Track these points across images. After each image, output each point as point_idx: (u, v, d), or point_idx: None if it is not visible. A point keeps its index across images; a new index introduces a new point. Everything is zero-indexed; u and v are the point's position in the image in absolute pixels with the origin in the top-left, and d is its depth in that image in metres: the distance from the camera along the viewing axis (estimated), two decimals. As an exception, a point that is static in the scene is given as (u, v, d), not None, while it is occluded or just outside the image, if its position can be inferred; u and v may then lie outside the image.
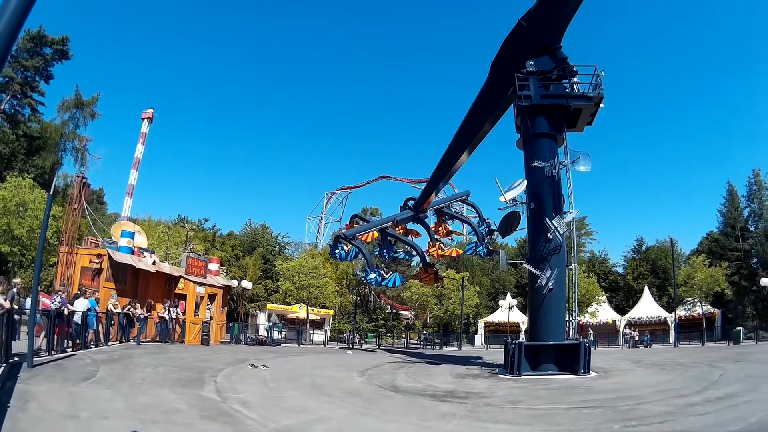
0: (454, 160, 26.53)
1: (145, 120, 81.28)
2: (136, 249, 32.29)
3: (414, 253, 34.90)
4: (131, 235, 32.70)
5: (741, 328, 44.17)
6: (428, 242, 30.73)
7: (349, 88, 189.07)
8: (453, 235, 38.43)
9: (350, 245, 29.21)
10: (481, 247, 31.72)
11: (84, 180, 33.89)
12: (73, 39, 54.79)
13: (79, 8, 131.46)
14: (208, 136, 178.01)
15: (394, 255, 31.96)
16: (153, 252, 35.91)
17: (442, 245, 30.61)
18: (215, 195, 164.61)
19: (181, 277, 34.08)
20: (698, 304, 51.74)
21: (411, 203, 31.19)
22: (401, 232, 31.86)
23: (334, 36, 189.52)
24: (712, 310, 53.49)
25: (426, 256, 33.11)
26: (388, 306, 74.04)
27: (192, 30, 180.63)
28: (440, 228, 31.70)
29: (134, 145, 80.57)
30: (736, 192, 63.92)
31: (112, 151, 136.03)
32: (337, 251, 29.49)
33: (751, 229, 61.22)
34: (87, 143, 53.80)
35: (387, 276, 30.38)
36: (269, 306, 54.92)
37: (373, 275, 29.22)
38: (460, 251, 37.87)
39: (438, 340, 55.04)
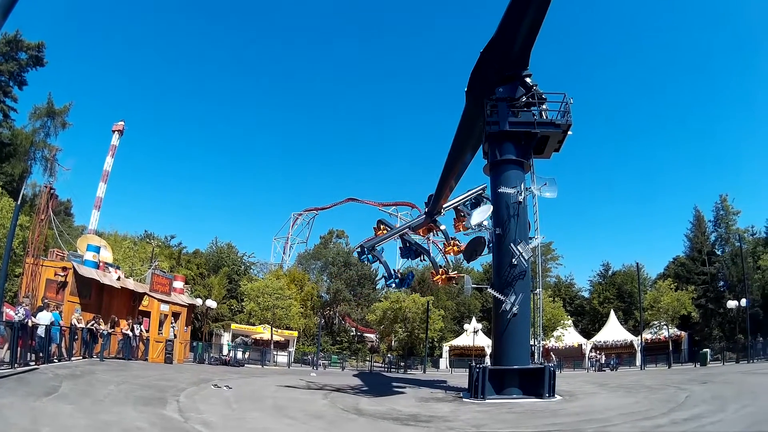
0: (455, 169, 26.61)
1: (116, 132, 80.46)
2: (101, 264, 31.84)
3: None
4: (97, 250, 32.26)
5: (708, 349, 44.86)
6: (443, 243, 30.54)
7: (318, 111, 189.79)
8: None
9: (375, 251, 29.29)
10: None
11: (52, 190, 33.39)
12: (49, 46, 54.06)
13: (57, 16, 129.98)
14: (177, 152, 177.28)
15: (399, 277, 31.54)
16: (118, 267, 35.45)
17: (458, 242, 30.22)
18: (182, 212, 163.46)
19: (145, 294, 33.69)
20: (665, 327, 52.44)
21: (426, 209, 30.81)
22: (425, 231, 32.63)
23: (305, 58, 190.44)
24: (678, 332, 54.23)
25: (440, 256, 33.23)
26: (353, 328, 74.03)
27: (167, 47, 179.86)
28: (459, 224, 31.22)
29: (103, 158, 79.92)
30: (703, 217, 65.66)
31: (81, 162, 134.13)
32: (363, 257, 29.97)
33: (718, 253, 62.76)
34: (57, 153, 52.92)
35: (404, 277, 31.02)
36: (233, 326, 54.32)
37: (393, 284, 30.20)
38: None
39: (402, 364, 54.98)
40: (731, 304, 46.72)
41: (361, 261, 33.44)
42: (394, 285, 30.12)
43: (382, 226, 31.75)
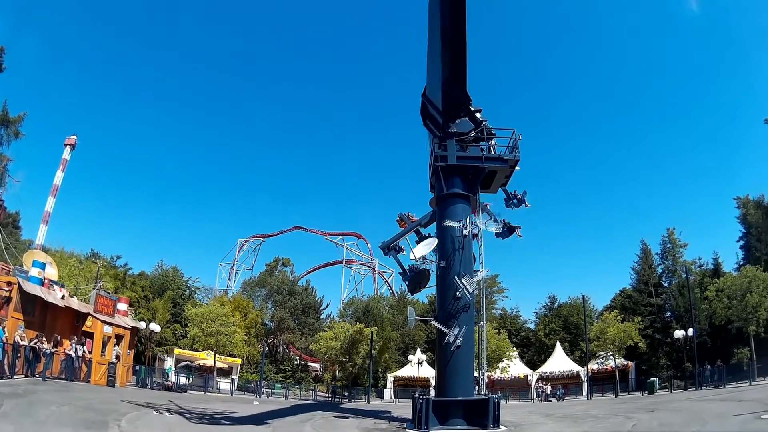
0: None
1: (68, 146, 78.66)
2: (46, 281, 31.16)
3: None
4: (42, 266, 31.58)
5: (655, 378, 45.85)
6: (503, 199, 29.23)
7: (268, 139, 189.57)
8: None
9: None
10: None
11: (1, 202, 32.69)
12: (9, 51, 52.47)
13: (17, 23, 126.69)
14: (127, 171, 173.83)
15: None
16: (63, 286, 34.67)
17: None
18: (129, 232, 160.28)
19: (89, 314, 33.04)
20: (611, 357, 53.43)
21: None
22: None
23: (254, 85, 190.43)
24: (625, 362, 55.27)
25: None
26: (297, 357, 73.53)
27: (125, 71, 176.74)
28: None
29: (54, 171, 77.83)
30: (649, 250, 67.97)
31: (30, 174, 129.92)
32: (388, 254, 29.34)
33: (665, 284, 64.85)
34: (7, 164, 51.41)
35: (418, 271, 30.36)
36: (177, 351, 53.37)
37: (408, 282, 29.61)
38: None
39: (347, 393, 54.88)
40: (678, 333, 48.23)
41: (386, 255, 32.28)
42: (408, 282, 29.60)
43: (402, 221, 31.04)
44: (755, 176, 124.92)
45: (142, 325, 44.73)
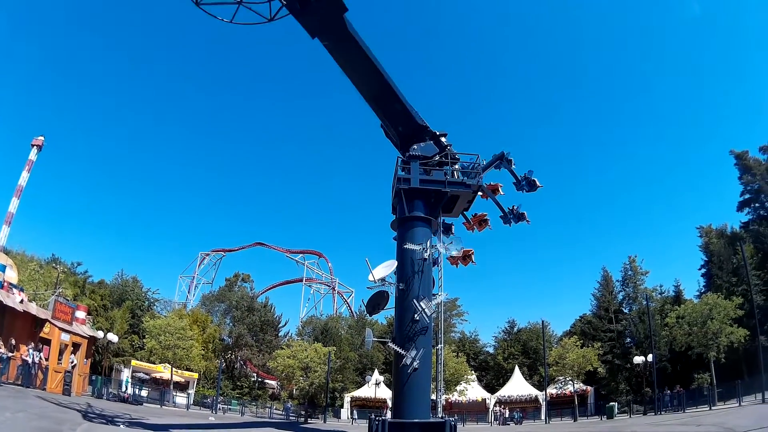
0: None
1: (35, 147, 77.35)
2: (5, 284, 30.84)
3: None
4: (3, 269, 31.39)
5: (615, 403, 46.65)
6: (463, 223, 28.43)
7: (235, 152, 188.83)
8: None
9: None
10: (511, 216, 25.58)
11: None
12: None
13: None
14: (90, 175, 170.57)
15: None
16: (22, 290, 34.25)
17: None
18: (91, 238, 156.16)
19: (47, 320, 32.73)
20: (570, 382, 54.15)
21: None
22: None
23: (221, 98, 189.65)
24: (584, 387, 56.01)
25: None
26: (254, 374, 72.97)
27: (94, 75, 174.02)
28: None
29: (19, 172, 76.34)
30: (610, 277, 69.09)
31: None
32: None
33: (625, 311, 65.95)
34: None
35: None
36: (134, 363, 52.63)
37: None
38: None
39: (303, 412, 54.72)
40: (638, 359, 49.44)
41: None
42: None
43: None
44: (718, 205, 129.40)
45: (100, 334, 44.22)
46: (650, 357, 46.98)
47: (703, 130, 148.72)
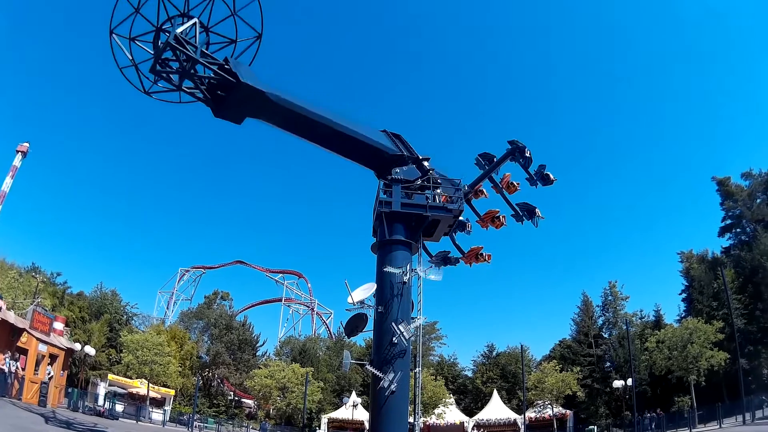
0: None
1: (19, 153, 77.03)
2: (-16, 292, 30.64)
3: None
4: (-18, 277, 31.11)
5: (594, 426, 46.89)
6: (476, 221, 27.60)
7: (218, 169, 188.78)
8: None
9: None
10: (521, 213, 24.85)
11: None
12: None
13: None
14: (74, 185, 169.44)
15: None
16: (1, 297, 34.01)
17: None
18: (72, 248, 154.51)
19: (25, 330, 32.47)
20: (549, 406, 54.53)
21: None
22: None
23: (205, 115, 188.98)
24: (564, 411, 56.35)
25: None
26: (231, 392, 72.42)
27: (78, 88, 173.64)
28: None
29: (2, 178, 76.15)
30: (590, 302, 69.99)
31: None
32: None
33: (605, 336, 66.64)
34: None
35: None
36: (110, 377, 52.15)
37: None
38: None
39: (279, 432, 54.49)
40: (617, 383, 49.88)
41: None
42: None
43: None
44: (698, 231, 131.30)
45: (77, 346, 43.96)
46: (630, 381, 47.43)
47: (683, 156, 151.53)
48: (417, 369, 22.09)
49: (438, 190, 22.58)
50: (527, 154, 23.18)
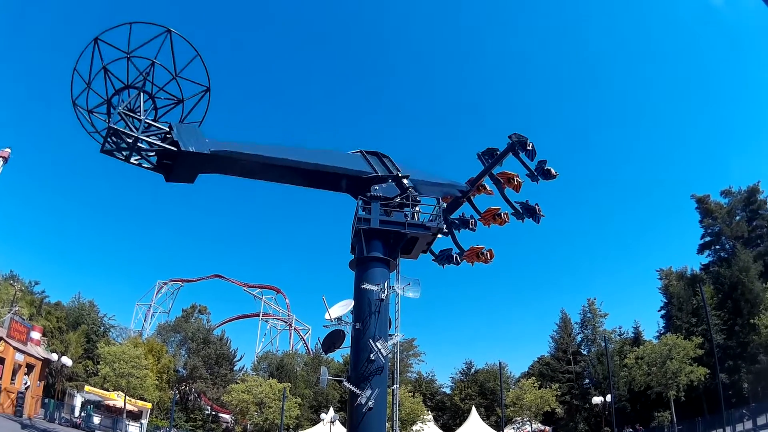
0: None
1: (0, 159, 76.21)
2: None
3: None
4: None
5: None
6: (479, 219, 25.79)
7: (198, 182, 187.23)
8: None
9: None
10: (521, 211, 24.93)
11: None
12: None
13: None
14: (54, 193, 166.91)
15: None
16: (-23, 306, 33.84)
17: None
18: (50, 257, 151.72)
19: (2, 338, 32.32)
20: (528, 422, 54.79)
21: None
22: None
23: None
24: (542, 427, 56.81)
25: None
26: (208, 407, 71.92)
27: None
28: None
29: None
30: (569, 319, 70.82)
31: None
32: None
33: (584, 353, 67.25)
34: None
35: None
36: (87, 388, 51.56)
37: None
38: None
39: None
40: (596, 400, 50.31)
41: None
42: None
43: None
44: (676, 249, 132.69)
45: (54, 357, 43.70)
46: (609, 397, 47.78)
47: (661, 174, 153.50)
48: (394, 386, 22.09)
49: (417, 208, 22.86)
50: (530, 147, 23.06)
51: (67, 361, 47.47)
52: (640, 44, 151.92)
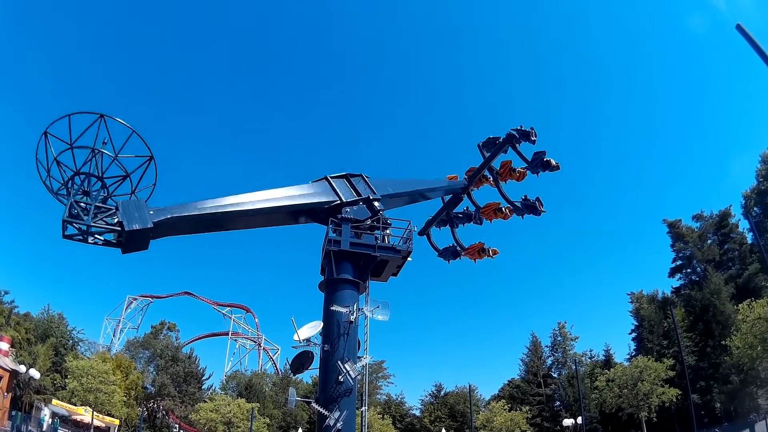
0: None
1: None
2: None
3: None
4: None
5: None
6: (480, 213, 26.30)
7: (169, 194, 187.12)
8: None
9: None
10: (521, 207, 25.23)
11: None
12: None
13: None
14: (28, 203, 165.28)
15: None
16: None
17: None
18: (20, 267, 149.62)
19: (-30, 348, 32.28)
20: None
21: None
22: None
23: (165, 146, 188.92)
24: None
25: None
26: (177, 425, 71.39)
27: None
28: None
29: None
30: (539, 343, 71.68)
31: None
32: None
33: (554, 375, 67.98)
34: None
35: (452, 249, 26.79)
36: (55, 402, 51.22)
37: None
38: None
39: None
40: (567, 422, 51.18)
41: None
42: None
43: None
44: (647, 273, 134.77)
45: (22, 368, 43.41)
46: (580, 419, 48.44)
47: (632, 199, 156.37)
48: (363, 408, 22.28)
49: (387, 231, 22.87)
50: (533, 138, 23.27)
51: (35, 373, 47.13)
52: (603, 68, 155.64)
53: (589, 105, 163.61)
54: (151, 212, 19.44)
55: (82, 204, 18.79)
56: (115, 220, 19.04)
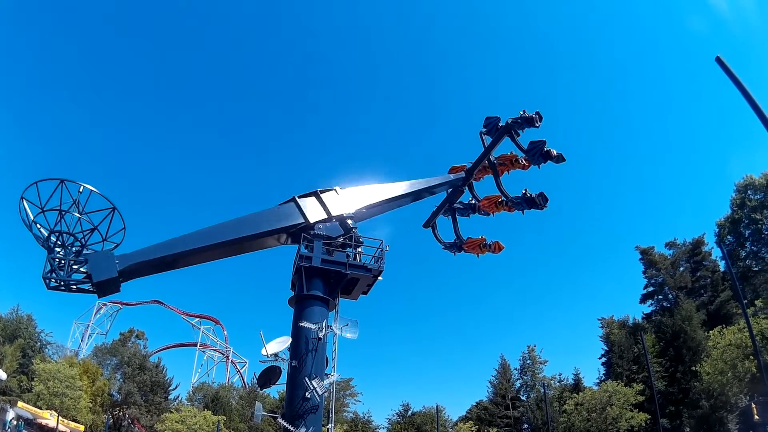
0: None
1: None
2: None
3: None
4: None
5: None
6: (481, 206, 26.19)
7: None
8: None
9: None
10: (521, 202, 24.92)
11: None
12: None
13: None
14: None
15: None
16: None
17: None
18: None
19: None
20: None
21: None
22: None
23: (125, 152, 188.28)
24: None
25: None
26: (143, 434, 70.91)
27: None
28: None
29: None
30: (508, 365, 72.28)
31: None
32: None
33: (523, 398, 68.53)
34: None
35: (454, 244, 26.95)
36: (20, 404, 50.72)
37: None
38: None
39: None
40: None
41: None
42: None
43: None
44: (619, 298, 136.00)
45: (-11, 369, 43.06)
46: None
47: (604, 225, 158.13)
48: (330, 425, 22.35)
49: (359, 249, 22.93)
50: (537, 125, 22.82)
51: (1, 374, 46.91)
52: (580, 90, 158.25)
53: (567, 126, 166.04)
54: (117, 261, 20.38)
55: (57, 258, 20.06)
56: (85, 274, 20.24)
